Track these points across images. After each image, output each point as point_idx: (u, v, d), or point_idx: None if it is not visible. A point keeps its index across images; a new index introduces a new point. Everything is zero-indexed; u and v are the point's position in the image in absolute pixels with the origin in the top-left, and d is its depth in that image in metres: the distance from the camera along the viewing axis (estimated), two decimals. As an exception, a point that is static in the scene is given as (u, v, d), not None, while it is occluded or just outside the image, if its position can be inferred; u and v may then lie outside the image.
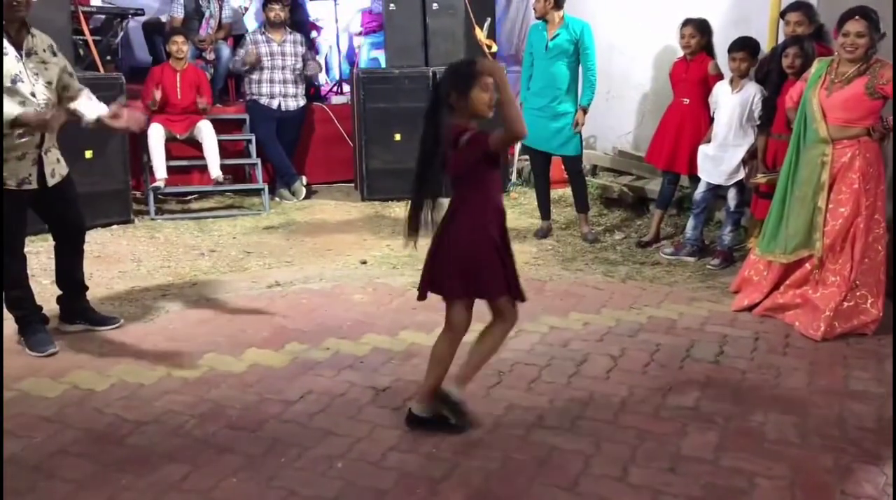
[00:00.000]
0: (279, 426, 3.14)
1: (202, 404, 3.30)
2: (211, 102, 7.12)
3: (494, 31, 7.91)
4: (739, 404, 3.35)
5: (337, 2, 8.87)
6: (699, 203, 5.45)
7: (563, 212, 6.63)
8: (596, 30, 5.86)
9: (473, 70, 2.84)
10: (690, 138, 5.50)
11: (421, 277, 3.04)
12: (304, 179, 7.45)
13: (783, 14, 5.09)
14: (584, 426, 3.16)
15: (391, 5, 7.12)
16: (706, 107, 5.47)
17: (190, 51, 7.11)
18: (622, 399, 3.38)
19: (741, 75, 5.15)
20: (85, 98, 3.90)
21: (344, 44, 9.35)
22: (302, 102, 7.56)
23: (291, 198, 7.32)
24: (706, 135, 5.38)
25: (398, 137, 6.99)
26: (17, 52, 3.61)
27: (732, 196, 5.30)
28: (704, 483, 2.76)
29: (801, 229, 4.22)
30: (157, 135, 6.70)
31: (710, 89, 5.41)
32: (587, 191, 6.20)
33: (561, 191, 6.89)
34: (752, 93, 5.09)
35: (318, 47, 9.09)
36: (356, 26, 9.45)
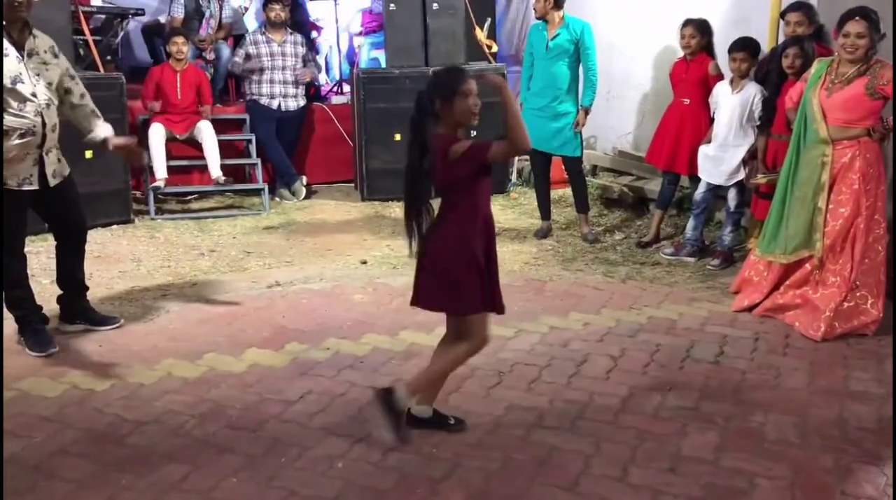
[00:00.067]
0: (279, 425, 3.14)
1: (202, 404, 3.30)
2: (211, 102, 7.13)
3: (494, 32, 7.93)
4: (739, 405, 3.35)
5: (337, 2, 8.87)
6: (699, 203, 5.45)
7: (563, 212, 6.63)
8: (596, 30, 5.86)
9: (457, 77, 2.79)
10: (690, 139, 5.50)
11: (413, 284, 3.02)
12: (304, 179, 7.44)
13: (783, 14, 5.10)
14: (584, 426, 3.16)
15: (391, 5, 7.11)
16: (706, 107, 5.47)
17: (190, 51, 7.11)
18: (622, 399, 3.39)
19: (741, 76, 5.15)
20: (99, 119, 4.00)
21: (344, 44, 9.35)
22: (302, 102, 7.56)
23: (291, 198, 7.31)
24: (706, 135, 5.38)
25: (398, 137, 6.98)
26: (18, 53, 3.61)
27: (732, 196, 5.30)
28: (704, 484, 2.77)
29: (801, 230, 4.22)
30: (157, 135, 6.70)
31: (710, 90, 5.41)
32: (587, 191, 6.20)
33: (561, 191, 6.88)
34: (752, 93, 5.09)
35: (318, 47, 9.09)
36: (356, 26, 9.45)
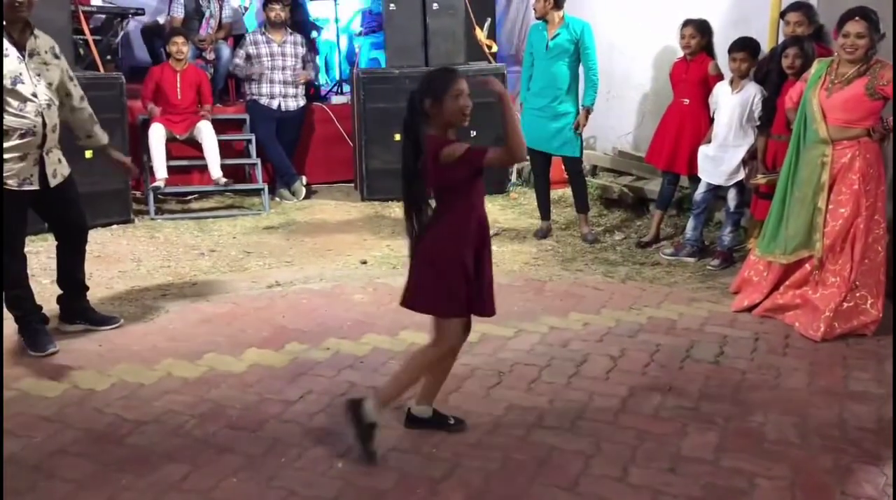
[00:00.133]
0: (279, 425, 3.14)
1: (202, 404, 3.30)
2: (211, 102, 7.13)
3: (494, 32, 7.94)
4: (739, 405, 3.35)
5: (337, 2, 8.87)
6: (699, 204, 5.45)
7: (562, 212, 6.63)
8: (596, 30, 5.87)
9: (447, 77, 2.78)
10: (690, 139, 5.50)
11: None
12: (304, 179, 7.44)
13: (783, 14, 5.10)
14: (583, 426, 3.16)
15: (391, 5, 7.12)
16: (706, 107, 5.47)
17: (190, 51, 7.11)
18: (622, 400, 3.38)
19: (741, 76, 5.15)
20: (97, 124, 4.10)
21: (344, 44, 9.35)
22: (302, 102, 7.56)
23: (291, 198, 7.31)
24: (706, 135, 5.38)
25: (398, 137, 6.85)
26: (19, 53, 3.61)
27: (732, 197, 5.30)
28: (704, 484, 2.77)
29: (800, 230, 4.22)
30: (157, 135, 6.70)
31: (710, 90, 5.41)
32: (587, 191, 6.20)
33: (561, 191, 6.88)
34: (752, 93, 5.09)
35: (317, 47, 9.08)
36: (356, 26, 9.45)
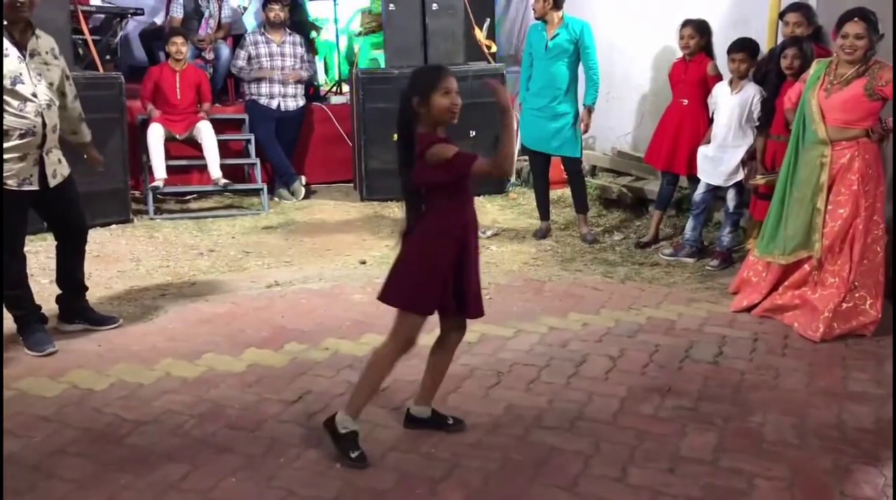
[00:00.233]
0: (278, 425, 3.14)
1: (201, 404, 3.30)
2: (211, 100, 7.13)
3: (494, 32, 7.93)
4: (738, 405, 3.36)
5: (337, 2, 8.87)
6: (698, 204, 5.45)
7: (562, 212, 6.63)
8: (596, 30, 5.87)
9: (434, 75, 2.77)
10: (689, 139, 5.50)
11: None
12: (303, 179, 7.44)
13: (782, 15, 5.10)
14: (583, 426, 3.16)
15: (391, 5, 7.12)
16: (705, 108, 5.47)
17: (189, 51, 7.11)
18: (621, 400, 3.39)
19: (740, 76, 5.15)
20: (83, 123, 4.13)
21: (343, 44, 9.35)
22: (301, 102, 7.56)
23: (290, 198, 7.31)
24: (705, 136, 5.38)
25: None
26: (19, 53, 3.60)
27: (731, 197, 5.30)
28: (703, 484, 2.77)
29: (799, 230, 4.23)
30: (156, 135, 6.70)
31: (709, 90, 5.41)
32: (586, 191, 6.20)
33: (560, 191, 6.88)
34: (751, 94, 5.10)
35: (316, 48, 9.08)
36: (356, 26, 9.45)
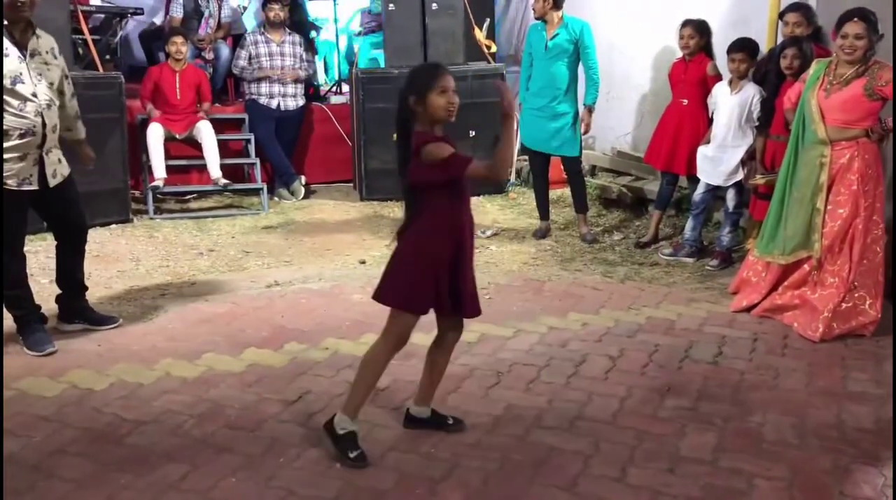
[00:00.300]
0: (278, 425, 3.14)
1: (201, 404, 3.30)
2: (211, 100, 7.13)
3: (494, 32, 7.93)
4: (738, 405, 3.36)
5: (336, 2, 8.87)
6: (698, 204, 5.45)
7: (561, 212, 6.63)
8: (596, 30, 5.87)
9: (430, 74, 2.76)
10: (689, 139, 5.50)
11: None
12: (302, 178, 7.44)
13: (782, 15, 5.10)
14: (582, 426, 3.16)
15: (390, 5, 7.12)
16: (705, 108, 5.48)
17: (189, 51, 7.11)
18: (621, 400, 3.39)
19: (740, 76, 5.15)
20: (79, 120, 4.11)
21: (343, 44, 9.35)
22: (301, 101, 7.55)
23: (290, 198, 7.31)
24: (705, 136, 5.38)
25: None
26: (20, 53, 3.60)
27: (731, 197, 5.30)
28: (703, 484, 2.77)
29: (799, 231, 4.23)
30: (156, 134, 6.70)
31: (708, 90, 5.41)
32: (586, 191, 6.20)
33: (560, 191, 6.88)
34: (750, 94, 5.10)
35: (316, 47, 9.08)
36: (356, 26, 9.45)
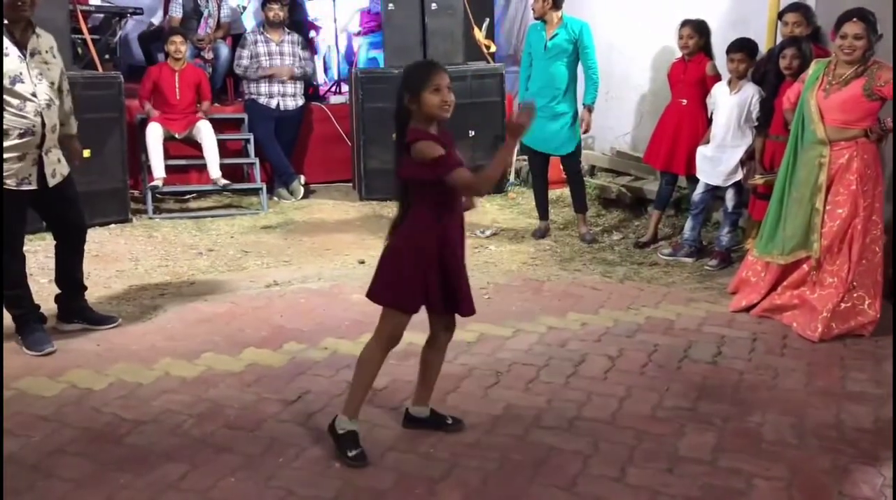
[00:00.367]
0: (277, 425, 3.14)
1: (200, 404, 3.30)
2: (210, 99, 7.12)
3: (493, 31, 7.93)
4: (737, 405, 3.36)
5: (336, 1, 8.86)
6: (697, 204, 5.45)
7: (561, 212, 6.63)
8: (596, 30, 5.87)
9: (425, 71, 2.76)
10: (688, 139, 5.50)
11: None
12: (302, 178, 7.43)
13: (781, 15, 5.11)
14: (581, 426, 3.16)
15: (390, 5, 7.11)
16: (704, 108, 5.48)
17: (188, 50, 7.11)
18: (620, 400, 3.39)
19: (739, 76, 5.15)
20: (72, 117, 4.09)
21: (343, 43, 9.35)
22: (300, 101, 7.55)
23: (290, 197, 7.30)
24: (704, 136, 5.38)
25: (396, 136, 6.96)
26: (20, 52, 3.60)
27: (730, 197, 5.30)
28: (702, 484, 2.77)
29: (798, 231, 4.23)
30: (155, 134, 6.69)
31: (708, 90, 5.41)
32: (585, 191, 6.20)
33: (559, 191, 6.88)
34: (750, 94, 5.10)
35: (316, 47, 9.09)
36: (355, 26, 9.45)
